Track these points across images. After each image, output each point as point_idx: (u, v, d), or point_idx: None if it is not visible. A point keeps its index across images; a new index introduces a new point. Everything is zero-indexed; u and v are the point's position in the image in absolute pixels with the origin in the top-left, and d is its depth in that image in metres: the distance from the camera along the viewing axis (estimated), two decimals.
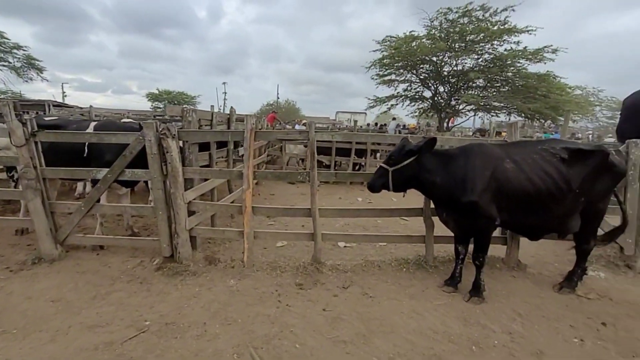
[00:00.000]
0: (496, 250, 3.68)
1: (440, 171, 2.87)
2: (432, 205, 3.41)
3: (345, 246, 4.16)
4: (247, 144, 2.98)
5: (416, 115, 22.20)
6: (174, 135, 3.05)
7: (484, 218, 2.78)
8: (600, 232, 3.26)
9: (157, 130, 3.03)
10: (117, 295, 2.81)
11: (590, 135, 20.37)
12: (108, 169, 3.22)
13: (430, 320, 2.60)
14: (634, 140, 3.48)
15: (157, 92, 40.40)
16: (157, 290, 2.90)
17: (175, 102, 40.56)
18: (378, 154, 9.88)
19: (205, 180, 3.72)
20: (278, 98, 43.89)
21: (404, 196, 3.14)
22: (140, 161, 3.20)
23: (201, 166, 3.89)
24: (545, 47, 14.99)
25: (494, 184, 2.73)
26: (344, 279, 3.21)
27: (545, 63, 15.52)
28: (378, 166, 2.97)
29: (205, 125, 4.27)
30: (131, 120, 5.52)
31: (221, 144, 4.85)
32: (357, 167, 9.27)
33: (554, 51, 15.06)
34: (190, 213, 3.35)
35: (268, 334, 2.35)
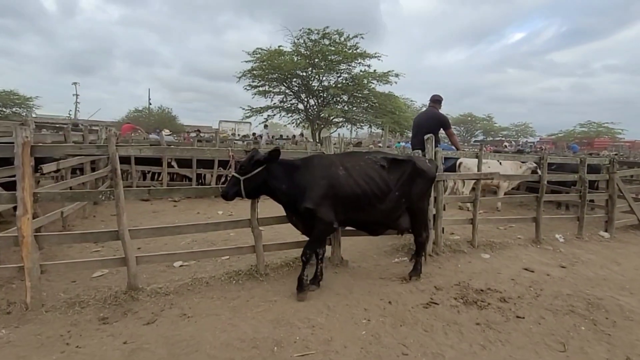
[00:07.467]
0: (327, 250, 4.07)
1: (286, 179, 3.14)
2: (259, 216, 3.58)
3: (181, 265, 3.92)
4: (19, 161, 2.46)
5: (295, 126, 23.43)
6: None
7: (323, 220, 3.12)
8: None
9: None
10: None
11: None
12: None
13: (243, 330, 2.66)
14: (416, 151, 4.44)
15: None
16: None
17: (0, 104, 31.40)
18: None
19: None
20: (150, 104, 39.03)
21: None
22: None
23: None
24: (389, 71, 18.02)
25: (330, 190, 3.11)
26: (164, 302, 3.00)
27: (391, 85, 18.65)
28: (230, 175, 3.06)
29: None
30: None
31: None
32: (222, 180, 9.01)
33: (397, 75, 18.28)
34: None
35: None
